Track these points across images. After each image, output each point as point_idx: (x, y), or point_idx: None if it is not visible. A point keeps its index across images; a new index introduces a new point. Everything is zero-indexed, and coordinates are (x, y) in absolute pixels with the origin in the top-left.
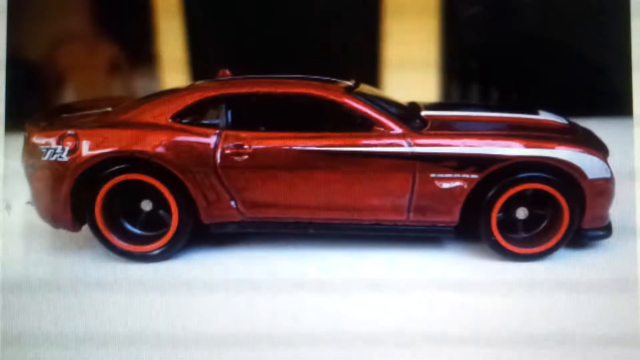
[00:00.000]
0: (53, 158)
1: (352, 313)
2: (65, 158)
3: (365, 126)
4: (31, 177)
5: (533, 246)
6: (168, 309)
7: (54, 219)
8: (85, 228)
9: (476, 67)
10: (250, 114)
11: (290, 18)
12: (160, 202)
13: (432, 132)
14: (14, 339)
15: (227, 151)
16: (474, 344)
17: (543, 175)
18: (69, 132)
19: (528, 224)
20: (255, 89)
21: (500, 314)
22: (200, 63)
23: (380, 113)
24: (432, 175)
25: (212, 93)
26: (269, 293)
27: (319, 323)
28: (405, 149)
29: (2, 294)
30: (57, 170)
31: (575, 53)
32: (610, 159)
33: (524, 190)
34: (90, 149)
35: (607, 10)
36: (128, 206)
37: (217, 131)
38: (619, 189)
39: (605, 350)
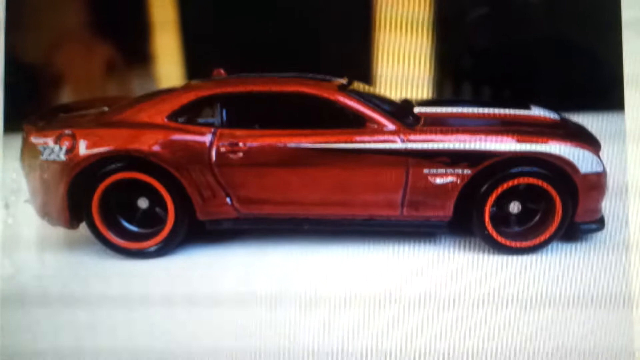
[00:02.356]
0: (51, 157)
1: (347, 307)
2: (62, 157)
3: (358, 123)
4: (29, 176)
5: (526, 240)
6: (164, 304)
7: (52, 217)
8: (83, 226)
9: (469, 64)
10: (245, 113)
11: (284, 16)
12: (156, 199)
13: (425, 128)
14: (11, 330)
15: (223, 149)
16: (466, 337)
17: (536, 169)
18: (66, 131)
19: (521, 218)
20: (249, 88)
21: (494, 308)
22: (196, 62)
23: (373, 110)
24: (426, 170)
25: (207, 92)
26: (265, 289)
27: (314, 316)
28: (399, 145)
29: (3, 291)
30: (55, 170)
31: (566, 48)
32: (602, 153)
33: (517, 185)
34: (87, 148)
35: (597, 4)
36: (125, 204)
37: (213, 130)
38: (611, 182)
39: (598, 341)
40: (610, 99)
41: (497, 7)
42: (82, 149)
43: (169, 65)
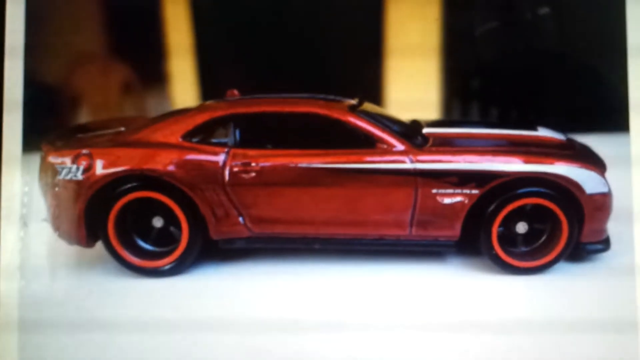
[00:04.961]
0: (68, 177)
1: (357, 327)
2: (79, 177)
3: (368, 143)
4: (47, 195)
5: (533, 260)
6: (177, 322)
7: (69, 235)
8: (99, 244)
9: (477, 85)
10: (257, 133)
11: (296, 40)
12: (170, 218)
13: (434, 148)
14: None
15: (235, 169)
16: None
17: (542, 190)
18: (84, 151)
19: (528, 237)
20: (262, 109)
21: (501, 327)
22: (210, 83)
23: (383, 130)
24: (434, 190)
25: (220, 113)
26: (275, 309)
27: (321, 335)
28: (408, 165)
29: (20, 308)
30: (72, 189)
31: (573, 70)
32: (607, 174)
33: (524, 205)
34: (104, 167)
35: (605, 30)
36: (140, 223)
37: (226, 149)
38: (616, 203)
39: None
40: (615, 120)
41: (505, 29)
42: (99, 168)
43: (184, 86)
